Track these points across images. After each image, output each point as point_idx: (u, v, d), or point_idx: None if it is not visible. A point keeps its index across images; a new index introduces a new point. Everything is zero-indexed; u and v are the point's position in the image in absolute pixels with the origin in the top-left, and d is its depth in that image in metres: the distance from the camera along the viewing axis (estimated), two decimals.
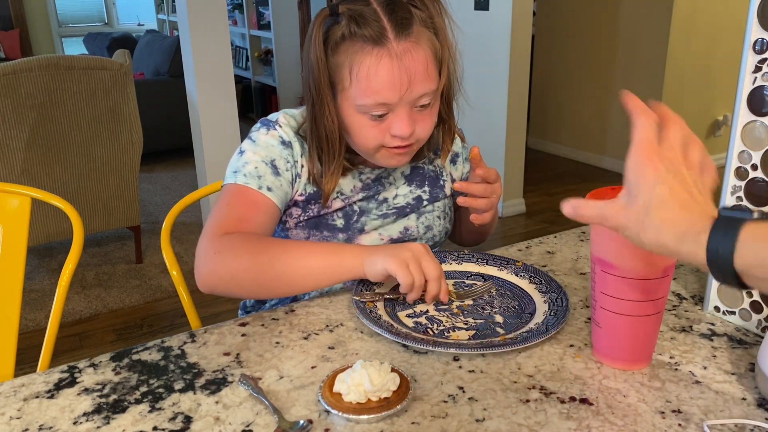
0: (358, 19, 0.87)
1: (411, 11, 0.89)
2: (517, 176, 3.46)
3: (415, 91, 0.88)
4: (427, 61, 0.89)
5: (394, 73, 0.86)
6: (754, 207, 0.77)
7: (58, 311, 1.03)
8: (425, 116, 0.93)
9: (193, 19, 2.66)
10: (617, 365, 0.73)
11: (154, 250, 3.06)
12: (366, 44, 0.86)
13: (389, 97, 0.88)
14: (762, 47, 0.73)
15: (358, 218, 1.02)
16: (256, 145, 0.97)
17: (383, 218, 1.04)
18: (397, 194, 1.05)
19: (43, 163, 2.57)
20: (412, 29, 0.87)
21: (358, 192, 1.02)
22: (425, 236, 1.07)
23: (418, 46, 0.87)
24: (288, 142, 0.98)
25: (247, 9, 5.88)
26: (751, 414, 0.65)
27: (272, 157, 0.96)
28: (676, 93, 3.85)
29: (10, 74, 2.38)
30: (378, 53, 0.86)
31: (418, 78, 0.88)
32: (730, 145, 0.78)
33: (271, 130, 0.98)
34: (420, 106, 0.91)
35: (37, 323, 2.40)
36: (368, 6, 0.87)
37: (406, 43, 0.86)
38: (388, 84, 0.87)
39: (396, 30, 0.86)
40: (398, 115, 0.90)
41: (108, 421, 0.66)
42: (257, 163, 0.95)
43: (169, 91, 4.33)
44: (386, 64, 0.86)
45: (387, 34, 0.86)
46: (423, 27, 0.89)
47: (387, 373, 0.67)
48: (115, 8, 7.47)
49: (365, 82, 0.87)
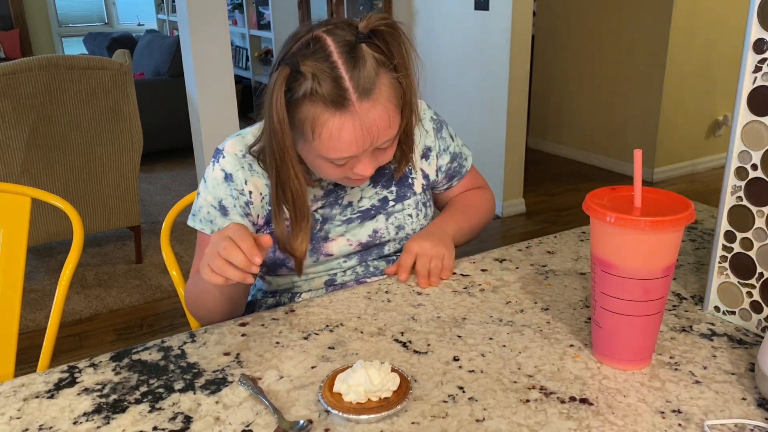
0: (320, 79, 0.83)
1: (374, 64, 0.85)
2: (517, 176, 3.46)
3: (377, 142, 0.88)
4: (390, 113, 0.87)
5: (357, 134, 0.85)
6: (754, 207, 0.77)
7: (58, 311, 1.03)
8: (387, 152, 0.93)
9: (193, 19, 2.66)
10: (617, 365, 0.73)
11: (154, 250, 3.06)
12: (328, 107, 0.84)
13: (352, 152, 0.87)
14: (762, 47, 0.73)
15: (321, 226, 1.01)
16: (206, 187, 0.98)
17: (347, 223, 1.02)
18: (362, 197, 1.03)
19: (43, 163, 2.57)
20: (374, 87, 0.85)
21: (318, 200, 1.01)
22: (398, 236, 1.05)
23: (379, 103, 0.85)
24: (229, 175, 0.96)
25: (247, 9, 5.88)
26: (751, 414, 0.65)
27: (219, 197, 0.97)
28: (676, 93, 3.85)
29: (10, 74, 2.38)
30: (341, 116, 0.84)
31: (382, 132, 0.87)
32: (730, 145, 0.78)
33: (216, 165, 0.98)
34: (382, 148, 0.91)
35: (37, 323, 2.40)
36: (330, 63, 0.83)
37: (368, 102, 0.84)
38: (352, 144, 0.86)
39: (358, 91, 0.83)
40: (361, 161, 0.90)
41: (108, 421, 0.66)
42: (208, 208, 0.98)
43: (169, 91, 4.33)
44: (349, 127, 0.84)
45: (349, 96, 0.83)
46: (385, 74, 0.87)
47: (387, 373, 0.67)
48: (115, 8, 7.47)
49: (328, 142, 0.86)
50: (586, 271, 0.99)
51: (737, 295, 0.81)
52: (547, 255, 1.05)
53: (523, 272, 0.99)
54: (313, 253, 1.00)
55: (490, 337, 0.80)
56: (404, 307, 0.89)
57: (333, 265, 1.02)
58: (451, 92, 3.65)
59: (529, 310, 0.87)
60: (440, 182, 1.12)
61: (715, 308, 0.84)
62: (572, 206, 2.98)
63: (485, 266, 1.01)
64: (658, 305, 0.70)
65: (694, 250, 1.05)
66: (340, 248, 1.01)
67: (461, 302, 0.90)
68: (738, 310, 0.82)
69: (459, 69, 3.54)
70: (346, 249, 1.02)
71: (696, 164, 4.17)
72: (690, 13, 3.73)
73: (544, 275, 0.98)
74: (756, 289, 0.79)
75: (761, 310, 0.79)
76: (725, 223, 0.80)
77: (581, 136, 4.41)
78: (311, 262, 1.01)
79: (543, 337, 0.80)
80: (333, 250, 1.01)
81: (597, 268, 0.71)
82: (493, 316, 0.86)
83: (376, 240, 1.04)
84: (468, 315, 0.86)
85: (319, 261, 1.01)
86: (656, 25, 3.76)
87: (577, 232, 1.15)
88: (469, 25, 3.40)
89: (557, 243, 1.10)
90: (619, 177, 4.05)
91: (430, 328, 0.83)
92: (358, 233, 1.02)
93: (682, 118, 3.96)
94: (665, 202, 0.70)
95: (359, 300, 0.91)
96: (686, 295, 0.91)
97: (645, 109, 3.91)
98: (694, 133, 4.07)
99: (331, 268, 1.03)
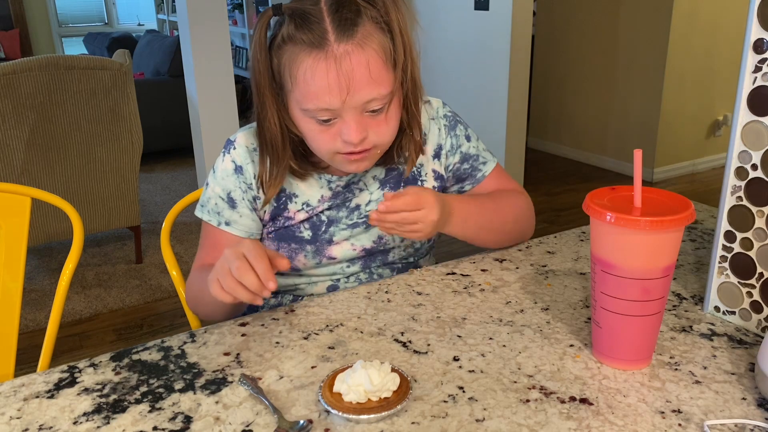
0: (300, 19, 0.82)
1: (360, 10, 0.83)
2: (517, 176, 3.46)
3: (358, 96, 0.83)
4: (373, 65, 0.82)
5: (331, 78, 0.81)
6: (754, 207, 0.77)
7: (58, 311, 1.03)
8: (379, 122, 0.87)
9: (193, 19, 2.66)
10: (617, 365, 0.73)
11: (154, 250, 3.06)
12: (305, 46, 0.82)
13: (330, 102, 0.83)
14: (762, 47, 0.73)
15: (327, 228, 0.98)
16: (215, 178, 0.97)
17: (353, 228, 0.99)
18: (371, 200, 1.00)
19: (43, 163, 2.57)
20: (356, 30, 0.82)
21: (326, 201, 0.98)
22: (403, 243, 1.02)
23: (361, 48, 0.82)
24: (239, 167, 0.96)
25: (247, 9, 5.88)
26: (751, 414, 0.65)
27: (228, 189, 0.96)
28: (676, 93, 3.85)
29: (10, 74, 2.38)
30: (316, 56, 0.81)
31: (361, 82, 0.82)
32: (730, 145, 0.78)
33: (227, 155, 0.97)
34: (371, 111, 0.86)
35: (37, 323, 2.40)
36: (314, 5, 0.82)
37: (347, 45, 0.81)
38: (325, 89, 0.82)
39: (338, 31, 0.81)
40: (346, 121, 0.85)
41: (108, 421, 0.66)
42: (216, 199, 0.97)
43: (169, 91, 4.33)
44: (322, 68, 0.81)
45: (327, 36, 0.81)
46: (373, 26, 0.84)
47: (387, 373, 0.67)
48: (115, 8, 7.47)
49: (304, 86, 0.83)
50: (586, 271, 0.99)
51: (737, 295, 0.81)
52: (547, 255, 1.05)
53: (523, 272, 0.99)
54: (316, 255, 0.99)
55: (490, 337, 0.80)
56: (404, 307, 0.89)
57: (336, 269, 1.01)
58: (451, 92, 3.65)
59: (529, 310, 0.87)
60: (449, 183, 1.07)
61: (715, 308, 0.84)
62: (572, 206, 2.98)
63: (485, 266, 1.01)
64: (658, 305, 0.70)
65: (694, 250, 1.05)
66: (344, 252, 0.99)
67: (461, 302, 0.90)
68: (738, 310, 0.82)
69: (459, 69, 3.53)
70: (349, 253, 1.00)
71: (696, 164, 4.17)
72: (690, 14, 3.73)
73: (544, 275, 0.98)
74: (756, 289, 0.79)
75: (761, 310, 0.79)
76: (725, 223, 0.80)
77: (581, 136, 4.41)
78: (314, 264, 1.00)
79: (543, 337, 0.80)
80: (336, 253, 0.99)
81: (597, 268, 0.71)
82: (493, 316, 0.86)
83: (380, 246, 1.01)
84: (468, 315, 0.86)
85: (322, 264, 1.00)
86: (656, 25, 3.76)
87: (577, 232, 1.15)
88: (469, 25, 3.40)
89: (557, 243, 1.10)
90: (619, 177, 4.05)
91: (430, 328, 0.83)
92: (363, 238, 1.00)
93: (682, 118, 3.96)
94: (665, 202, 0.70)
95: (359, 300, 0.91)
96: (686, 295, 0.91)
97: (645, 109, 3.91)
98: (694, 133, 4.07)
99: (334, 273, 1.01)
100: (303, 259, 0.99)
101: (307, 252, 0.99)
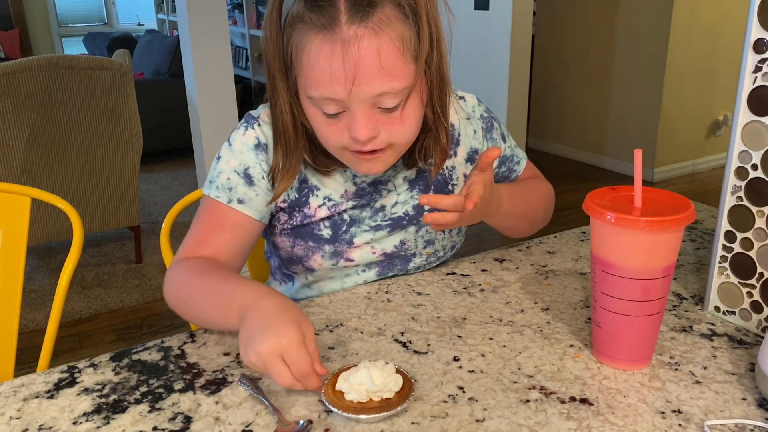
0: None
1: None
2: None
3: (366, 88, 0.74)
4: (386, 52, 0.74)
5: (335, 64, 0.73)
6: (754, 207, 0.77)
7: (57, 311, 1.03)
8: (394, 120, 0.79)
9: (193, 19, 2.66)
10: (617, 365, 0.73)
11: (154, 250, 3.06)
12: (313, 27, 0.74)
13: (334, 91, 0.75)
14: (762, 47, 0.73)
15: (348, 228, 0.92)
16: (231, 151, 0.88)
17: (375, 230, 0.93)
18: (397, 201, 0.94)
19: (43, 163, 2.57)
20: (372, 12, 0.73)
21: (349, 198, 0.92)
22: (424, 251, 0.97)
23: (375, 34, 0.73)
24: (263, 145, 0.88)
25: (247, 9, 5.87)
26: (751, 414, 0.65)
27: (246, 165, 0.87)
28: (676, 93, 3.85)
29: (10, 74, 2.38)
30: (323, 38, 0.73)
31: (370, 72, 0.73)
32: (730, 145, 0.78)
33: (249, 130, 0.89)
34: (384, 107, 0.77)
35: (37, 323, 2.40)
36: None
37: (359, 28, 0.72)
38: (328, 75, 0.74)
39: (351, 12, 0.72)
40: (353, 115, 0.77)
41: (108, 421, 0.66)
42: (230, 173, 0.87)
43: (169, 91, 4.33)
44: (327, 52, 0.73)
45: (339, 17, 0.72)
46: (395, 11, 0.75)
47: (390, 373, 0.67)
48: (115, 8, 7.47)
49: (308, 71, 0.76)
50: (586, 271, 0.99)
51: (737, 295, 0.81)
52: (547, 255, 1.05)
53: (523, 272, 0.99)
54: (334, 257, 0.93)
55: (490, 337, 0.80)
56: (404, 307, 0.89)
57: (350, 272, 0.96)
58: None
59: (529, 310, 0.87)
60: None
61: (715, 308, 0.84)
62: (572, 206, 2.98)
63: (485, 266, 1.01)
64: (658, 305, 0.70)
65: (694, 250, 1.05)
66: (363, 255, 0.94)
67: (461, 302, 0.90)
68: (738, 310, 0.82)
69: (459, 69, 3.53)
70: (368, 257, 0.94)
71: (696, 164, 4.17)
72: (690, 13, 3.73)
73: (544, 275, 0.97)
74: (756, 289, 0.79)
75: (761, 310, 0.79)
76: (725, 223, 0.80)
77: (581, 136, 4.41)
78: (330, 265, 0.94)
79: (543, 337, 0.80)
80: (355, 256, 0.93)
81: (597, 268, 0.71)
82: (493, 316, 0.86)
83: (401, 251, 0.95)
84: (468, 315, 0.86)
85: (338, 266, 0.94)
86: (656, 24, 3.76)
87: (577, 232, 1.15)
88: (469, 25, 3.40)
89: (557, 243, 1.10)
90: (619, 177, 4.05)
91: (430, 328, 0.83)
92: (385, 242, 0.94)
93: (682, 118, 3.96)
94: (665, 202, 0.70)
95: (359, 300, 0.91)
96: (686, 295, 0.91)
97: (645, 109, 3.91)
98: (694, 133, 4.07)
99: (347, 275, 0.96)
100: (319, 259, 0.93)
101: (325, 252, 0.93)
